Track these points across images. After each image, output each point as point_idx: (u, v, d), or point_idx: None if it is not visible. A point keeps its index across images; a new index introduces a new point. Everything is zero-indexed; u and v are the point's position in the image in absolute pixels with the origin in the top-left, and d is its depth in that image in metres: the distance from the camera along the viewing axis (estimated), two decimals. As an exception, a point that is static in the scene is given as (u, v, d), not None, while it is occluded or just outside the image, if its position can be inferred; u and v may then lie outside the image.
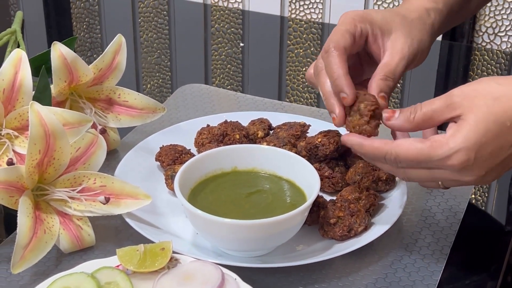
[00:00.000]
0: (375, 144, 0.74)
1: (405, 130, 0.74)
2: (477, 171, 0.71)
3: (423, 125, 0.73)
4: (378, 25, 0.80)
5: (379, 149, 0.73)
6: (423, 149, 0.70)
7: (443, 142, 0.70)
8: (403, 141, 0.72)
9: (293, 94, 1.18)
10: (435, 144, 0.70)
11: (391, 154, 0.72)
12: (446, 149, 0.69)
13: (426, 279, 0.78)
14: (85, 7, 1.46)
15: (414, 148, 0.71)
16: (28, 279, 0.78)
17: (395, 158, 0.72)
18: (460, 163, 0.70)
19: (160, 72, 1.24)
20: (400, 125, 0.73)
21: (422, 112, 0.72)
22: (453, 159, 0.70)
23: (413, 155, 0.71)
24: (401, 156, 0.72)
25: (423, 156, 0.71)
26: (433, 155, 0.70)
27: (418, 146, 0.71)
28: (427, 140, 0.71)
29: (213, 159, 0.85)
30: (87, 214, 0.81)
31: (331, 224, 0.81)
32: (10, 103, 0.84)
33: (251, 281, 0.74)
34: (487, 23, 1.32)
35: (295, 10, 1.44)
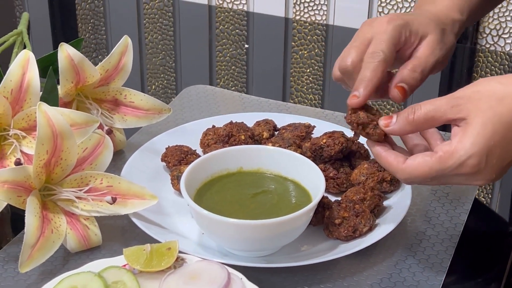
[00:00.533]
0: (389, 159, 0.74)
1: (406, 132, 0.74)
2: (487, 174, 0.71)
3: (425, 125, 0.72)
4: (415, 31, 0.80)
5: (392, 167, 0.74)
6: (434, 165, 0.70)
7: (452, 151, 0.69)
8: (413, 160, 0.72)
9: (297, 96, 1.18)
10: (445, 155, 0.70)
11: (403, 174, 0.73)
12: (456, 157, 0.69)
13: (431, 279, 0.79)
14: (90, 9, 1.46)
15: (425, 166, 0.71)
16: (35, 278, 0.79)
17: (407, 178, 0.73)
18: (472, 168, 0.70)
19: (165, 73, 1.25)
20: (401, 128, 0.73)
21: (423, 112, 0.71)
22: (465, 167, 0.70)
23: (425, 172, 0.71)
24: (413, 176, 0.72)
25: (435, 171, 0.71)
26: (444, 167, 0.70)
27: (428, 163, 0.71)
28: (435, 153, 0.71)
29: (219, 160, 0.86)
30: (94, 214, 0.82)
31: (336, 225, 0.81)
32: (17, 103, 0.84)
33: (257, 280, 0.74)
34: (491, 25, 1.33)
35: (300, 11, 1.44)
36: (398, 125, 0.73)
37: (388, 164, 0.74)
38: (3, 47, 1.10)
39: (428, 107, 0.71)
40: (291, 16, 1.45)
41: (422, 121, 0.72)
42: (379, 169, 0.87)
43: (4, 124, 0.84)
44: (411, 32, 0.80)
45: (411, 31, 0.80)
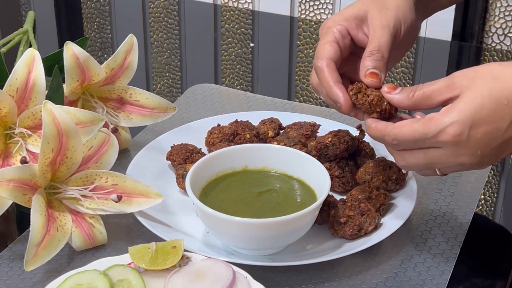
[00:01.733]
0: (378, 125, 0.74)
1: (403, 106, 0.74)
2: (472, 149, 0.70)
3: (421, 103, 0.72)
4: (354, 18, 0.80)
5: (380, 131, 0.74)
6: (417, 127, 0.71)
7: (437, 118, 0.70)
8: (400, 123, 0.72)
9: (302, 94, 1.18)
10: (429, 121, 0.70)
11: (389, 135, 0.73)
12: (438, 123, 0.69)
13: (436, 278, 0.79)
14: (96, 7, 1.47)
15: (409, 128, 0.71)
16: (41, 276, 0.79)
17: (392, 139, 0.73)
18: (453, 137, 0.69)
19: (170, 72, 1.25)
20: (399, 100, 0.74)
21: (422, 91, 0.72)
22: (446, 133, 0.69)
23: (408, 134, 0.71)
24: (398, 137, 0.72)
25: (418, 134, 0.71)
26: (427, 131, 0.70)
27: (413, 125, 0.71)
28: (421, 119, 0.71)
29: (224, 158, 0.86)
30: (99, 213, 0.82)
31: (341, 223, 0.81)
32: (23, 102, 0.84)
33: (262, 279, 0.74)
34: (497, 24, 1.32)
35: (305, 10, 1.44)
36: (397, 97, 0.73)
37: (377, 130, 0.74)
38: (8, 46, 1.10)
39: (428, 87, 0.72)
40: (296, 15, 1.45)
41: (419, 100, 0.72)
42: (384, 168, 0.87)
43: (9, 123, 0.84)
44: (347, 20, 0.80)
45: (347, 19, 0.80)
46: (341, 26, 0.80)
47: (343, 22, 0.80)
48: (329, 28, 0.81)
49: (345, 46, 0.81)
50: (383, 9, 0.80)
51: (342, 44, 0.80)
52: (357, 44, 0.82)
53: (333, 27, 0.80)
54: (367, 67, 0.77)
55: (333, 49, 0.79)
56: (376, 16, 0.80)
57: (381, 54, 0.78)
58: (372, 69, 0.77)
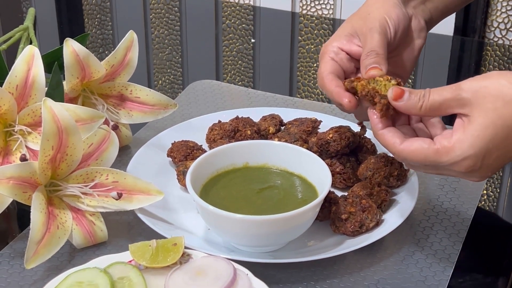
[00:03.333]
0: (386, 137, 0.74)
1: (411, 114, 0.74)
2: (483, 173, 0.71)
3: (429, 113, 0.72)
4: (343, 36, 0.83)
5: (388, 147, 0.74)
6: (429, 155, 0.70)
7: (449, 148, 0.69)
8: (411, 144, 0.72)
9: (304, 90, 1.18)
10: (442, 150, 0.70)
11: (398, 156, 0.73)
12: (452, 156, 0.69)
13: (438, 274, 0.78)
14: (96, 4, 1.46)
15: (421, 153, 0.71)
16: (41, 274, 0.79)
17: (403, 159, 0.73)
18: (466, 169, 0.70)
19: (172, 68, 1.25)
20: (407, 109, 0.73)
21: (430, 102, 0.71)
22: (460, 166, 0.70)
23: (420, 159, 0.71)
24: (409, 159, 0.72)
25: (430, 162, 0.71)
26: (439, 161, 0.70)
27: (425, 152, 0.71)
28: (433, 144, 0.71)
29: (225, 155, 0.86)
30: (100, 210, 0.82)
31: (342, 220, 0.81)
32: (23, 99, 0.84)
33: (263, 276, 0.74)
34: (499, 18, 1.32)
35: (306, 6, 1.44)
36: (406, 106, 0.73)
37: (385, 142, 0.74)
38: (9, 43, 1.10)
39: (436, 98, 0.71)
40: (297, 11, 1.45)
41: (428, 111, 0.72)
42: (386, 164, 0.87)
43: (9, 120, 0.84)
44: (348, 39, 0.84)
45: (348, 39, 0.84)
46: (333, 47, 0.83)
47: (334, 43, 0.83)
48: (323, 52, 0.84)
49: (342, 61, 0.83)
50: (366, 17, 0.82)
51: (339, 59, 0.83)
52: (354, 57, 0.84)
53: (326, 50, 0.83)
54: (366, 66, 0.78)
55: (330, 65, 0.82)
56: (361, 25, 0.82)
57: (375, 52, 0.79)
58: (371, 64, 0.78)
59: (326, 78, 0.80)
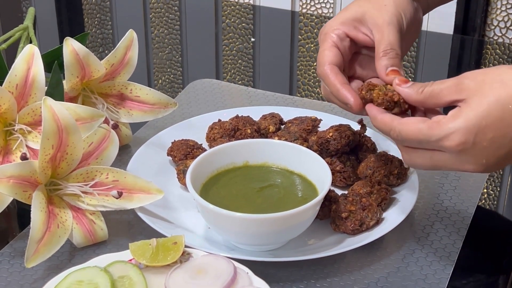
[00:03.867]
0: (384, 118, 0.74)
1: (411, 100, 0.73)
2: (477, 158, 0.69)
3: (429, 100, 0.72)
4: (351, 20, 0.81)
5: (386, 124, 0.73)
6: (422, 128, 0.70)
7: (442, 122, 0.69)
8: (407, 119, 0.72)
9: (304, 89, 1.18)
10: (435, 124, 0.69)
11: (394, 131, 0.72)
12: (443, 128, 0.68)
13: (438, 272, 0.78)
14: (96, 3, 1.46)
15: (415, 127, 0.71)
16: (41, 273, 0.79)
17: (397, 135, 0.72)
18: (457, 144, 0.68)
19: (172, 68, 1.25)
20: (408, 93, 0.73)
21: (431, 88, 0.71)
22: (450, 140, 0.68)
23: (413, 133, 0.71)
24: (403, 134, 0.71)
25: (422, 135, 0.70)
26: (431, 134, 0.69)
27: (419, 125, 0.70)
28: (428, 120, 0.70)
29: (225, 154, 0.86)
30: (100, 209, 0.82)
31: (342, 218, 0.81)
32: (23, 98, 0.84)
33: (263, 275, 0.74)
34: (499, 17, 1.32)
35: (306, 4, 1.44)
36: (407, 91, 0.73)
37: (383, 123, 0.73)
38: (9, 42, 1.09)
39: (437, 85, 0.71)
40: (297, 9, 1.45)
41: (428, 97, 0.72)
42: (386, 162, 0.87)
43: (9, 119, 0.84)
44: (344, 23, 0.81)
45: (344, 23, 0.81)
46: (339, 30, 0.81)
47: (340, 26, 0.81)
48: (327, 34, 0.81)
49: (345, 49, 0.81)
50: (381, 7, 0.80)
51: (342, 47, 0.81)
52: (359, 44, 0.82)
53: (331, 32, 0.81)
54: (386, 66, 0.77)
55: (333, 53, 0.80)
56: (376, 15, 0.80)
57: (395, 51, 0.78)
58: (391, 67, 0.77)
59: (331, 71, 0.79)
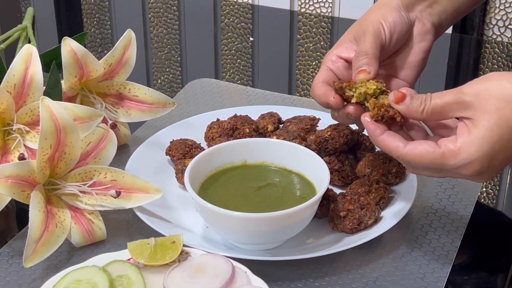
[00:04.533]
0: (387, 143, 0.73)
1: (412, 118, 0.74)
2: (489, 175, 0.70)
3: (431, 117, 0.72)
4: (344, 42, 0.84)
5: (391, 151, 0.73)
6: (435, 159, 0.70)
7: (455, 152, 0.69)
8: (415, 147, 0.71)
9: (303, 88, 1.18)
10: (448, 153, 0.69)
11: (402, 160, 0.72)
12: (459, 159, 0.69)
13: (437, 271, 0.79)
14: (95, 3, 1.46)
15: (426, 157, 0.70)
16: (40, 272, 0.79)
17: (407, 163, 0.73)
18: (474, 172, 0.69)
19: (170, 67, 1.25)
20: (409, 113, 0.72)
21: (431, 106, 0.71)
22: (467, 169, 0.69)
23: (425, 163, 0.70)
24: (413, 163, 0.71)
25: (436, 165, 0.70)
26: (445, 164, 0.70)
27: (430, 155, 0.70)
28: (438, 147, 0.70)
29: (223, 153, 0.86)
30: (98, 208, 0.82)
31: (341, 217, 0.81)
32: (21, 98, 0.84)
33: (262, 274, 0.74)
34: (497, 16, 1.32)
35: (305, 4, 1.44)
36: (408, 109, 0.72)
37: (388, 148, 0.73)
38: (7, 42, 1.10)
39: (437, 102, 0.70)
40: (296, 9, 1.45)
41: (430, 115, 0.71)
42: (384, 161, 0.87)
43: (7, 119, 0.84)
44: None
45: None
46: (332, 54, 0.84)
47: (334, 51, 0.84)
48: (323, 62, 0.84)
49: (338, 68, 0.83)
50: (363, 21, 0.83)
51: (335, 67, 0.83)
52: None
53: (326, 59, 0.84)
54: (356, 68, 0.79)
55: (323, 73, 0.82)
56: (358, 29, 0.83)
57: (365, 52, 0.79)
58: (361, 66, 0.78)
59: (315, 86, 0.81)
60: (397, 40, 0.83)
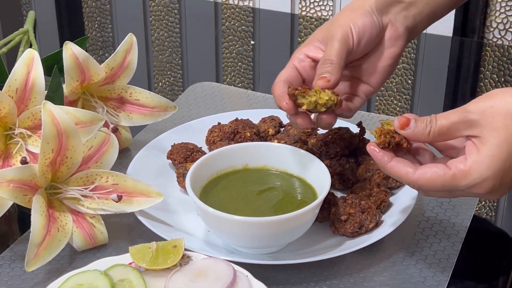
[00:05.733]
0: (397, 170, 0.72)
1: (419, 141, 0.73)
2: (501, 192, 0.70)
3: (438, 139, 0.71)
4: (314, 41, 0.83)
5: (401, 178, 0.72)
6: (447, 181, 0.69)
7: (466, 172, 0.68)
8: (426, 172, 0.70)
9: (304, 92, 1.18)
10: (459, 174, 0.69)
11: (414, 185, 0.72)
12: (470, 179, 0.68)
13: (437, 275, 0.79)
14: (96, 6, 1.47)
15: (438, 180, 0.70)
16: (42, 276, 0.79)
17: (418, 188, 0.72)
18: (486, 191, 0.69)
19: (172, 71, 1.25)
20: (416, 137, 0.72)
21: (437, 127, 0.70)
22: (480, 188, 0.69)
23: (437, 186, 0.70)
24: (425, 187, 0.71)
25: (448, 187, 0.70)
26: (457, 185, 0.69)
27: (441, 178, 0.69)
28: (448, 169, 0.69)
29: (224, 157, 0.86)
30: (100, 212, 0.82)
31: (342, 221, 0.81)
32: (23, 102, 0.84)
33: (263, 277, 0.74)
34: (498, 19, 1.32)
35: (306, 7, 1.44)
36: (414, 133, 0.72)
37: (397, 174, 0.72)
38: (9, 46, 1.10)
39: (443, 122, 0.70)
40: (297, 12, 1.45)
41: (437, 136, 0.71)
42: (385, 165, 0.87)
43: (9, 123, 0.84)
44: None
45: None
46: (300, 52, 0.83)
47: (302, 49, 0.83)
48: (290, 59, 0.84)
49: (304, 68, 0.83)
50: (333, 24, 0.83)
51: (301, 67, 0.82)
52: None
53: (294, 57, 0.83)
54: (318, 75, 0.79)
55: (287, 71, 0.82)
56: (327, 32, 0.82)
57: (330, 60, 0.79)
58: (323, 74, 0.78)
59: (276, 84, 0.80)
60: (365, 44, 0.83)
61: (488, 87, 1.16)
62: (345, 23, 0.82)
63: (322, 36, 0.83)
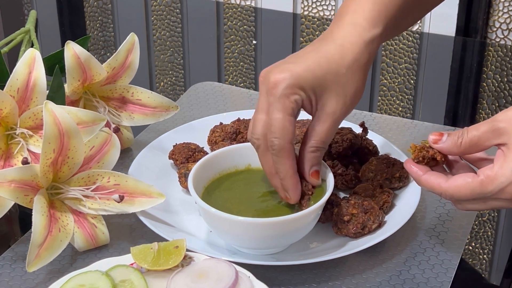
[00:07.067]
0: (430, 181, 0.74)
1: (453, 154, 0.75)
2: None
3: (470, 150, 0.73)
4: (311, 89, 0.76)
5: (434, 189, 0.74)
6: (475, 187, 0.71)
7: (493, 177, 0.70)
8: (455, 180, 0.72)
9: (306, 92, 1.18)
10: (486, 180, 0.70)
11: (446, 194, 0.73)
12: (497, 184, 0.70)
13: (441, 276, 0.78)
14: (98, 6, 1.46)
15: (467, 187, 0.71)
16: (43, 277, 0.78)
17: (450, 197, 0.74)
18: None
19: (173, 70, 1.25)
20: (448, 149, 0.74)
21: (468, 138, 0.72)
22: (506, 193, 0.70)
23: (467, 194, 0.72)
24: (456, 196, 0.73)
25: (477, 194, 0.71)
26: (485, 191, 0.70)
27: (470, 185, 0.71)
28: (477, 176, 0.71)
29: (227, 157, 0.85)
30: (101, 213, 0.82)
31: (344, 222, 0.81)
32: (24, 102, 0.84)
33: (265, 278, 0.74)
34: (501, 19, 1.32)
35: (308, 7, 1.43)
36: (447, 145, 0.74)
37: (430, 187, 0.74)
38: (10, 45, 1.10)
39: (474, 133, 0.72)
40: (299, 12, 1.44)
41: (468, 147, 0.73)
42: (387, 165, 0.87)
43: (11, 123, 0.84)
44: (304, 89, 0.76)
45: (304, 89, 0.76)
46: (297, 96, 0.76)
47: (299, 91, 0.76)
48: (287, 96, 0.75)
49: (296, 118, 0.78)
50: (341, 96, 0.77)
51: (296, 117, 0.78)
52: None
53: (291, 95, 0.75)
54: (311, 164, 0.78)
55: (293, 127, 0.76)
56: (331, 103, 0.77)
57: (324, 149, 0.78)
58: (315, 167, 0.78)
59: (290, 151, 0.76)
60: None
61: (491, 87, 1.16)
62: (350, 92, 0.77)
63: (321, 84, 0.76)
